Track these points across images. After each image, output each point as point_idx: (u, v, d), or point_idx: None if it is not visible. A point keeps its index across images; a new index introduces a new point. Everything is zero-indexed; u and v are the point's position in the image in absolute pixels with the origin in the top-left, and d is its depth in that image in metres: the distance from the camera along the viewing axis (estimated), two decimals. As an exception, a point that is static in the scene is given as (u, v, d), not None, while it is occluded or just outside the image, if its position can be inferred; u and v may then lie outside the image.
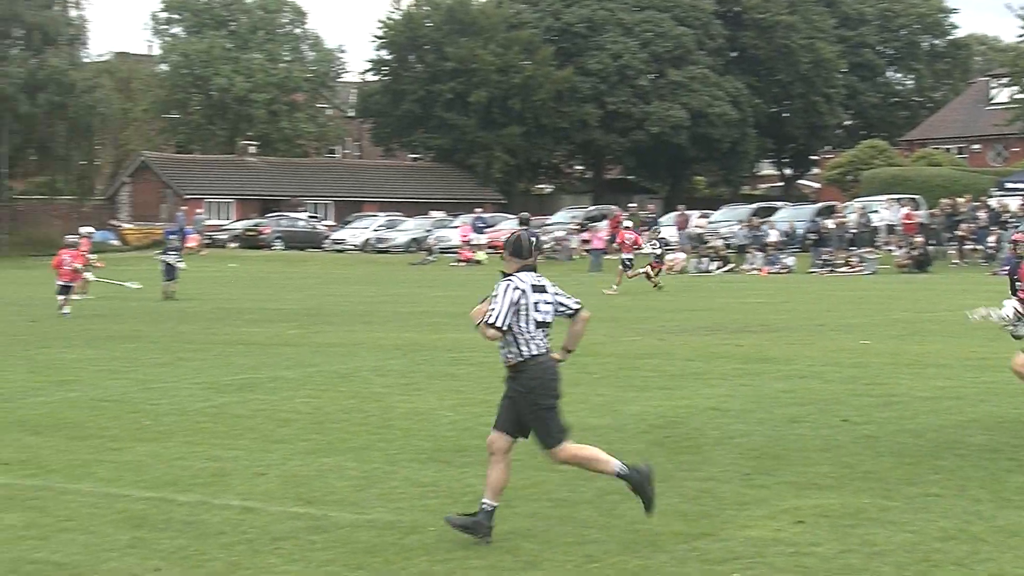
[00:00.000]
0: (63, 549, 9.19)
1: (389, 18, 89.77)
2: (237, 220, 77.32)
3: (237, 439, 13.53)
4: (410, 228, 71.52)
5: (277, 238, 71.22)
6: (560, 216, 69.58)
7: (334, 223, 78.59)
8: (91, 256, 35.67)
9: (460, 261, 59.83)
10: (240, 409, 15.58)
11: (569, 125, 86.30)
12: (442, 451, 12.78)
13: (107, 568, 8.76)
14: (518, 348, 9.40)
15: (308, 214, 79.38)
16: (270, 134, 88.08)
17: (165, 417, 15.01)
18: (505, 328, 9.31)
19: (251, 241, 70.45)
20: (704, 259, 53.77)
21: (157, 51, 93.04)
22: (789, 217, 59.43)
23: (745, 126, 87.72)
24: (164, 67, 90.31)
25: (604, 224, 60.82)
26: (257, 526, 9.81)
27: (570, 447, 9.52)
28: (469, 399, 16.22)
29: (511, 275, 9.49)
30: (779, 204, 68.20)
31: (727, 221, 61.36)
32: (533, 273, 9.53)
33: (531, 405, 9.42)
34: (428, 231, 68.45)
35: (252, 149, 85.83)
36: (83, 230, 40.39)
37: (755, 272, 51.54)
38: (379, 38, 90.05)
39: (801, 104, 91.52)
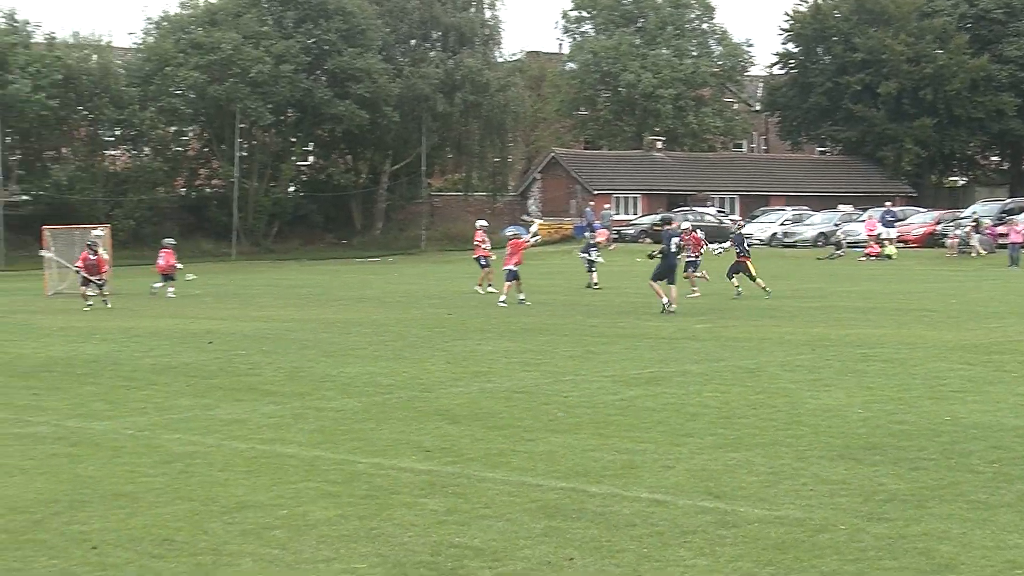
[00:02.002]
0: (481, 535, 9.49)
1: (796, 10, 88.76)
2: (644, 215, 77.99)
3: (646, 432, 13.67)
4: (817, 222, 70.55)
5: (683, 232, 71.39)
6: (977, 208, 67.00)
7: (741, 217, 78.23)
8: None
9: (868, 256, 58.48)
10: (649, 402, 15.73)
11: (984, 115, 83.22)
12: (852, 448, 12.56)
13: (522, 555, 9.00)
14: None
15: (716, 208, 79.30)
16: (676, 129, 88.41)
17: (576, 409, 15.30)
18: None
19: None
20: None
21: (567, 49, 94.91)
22: None
23: None
24: (573, 65, 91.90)
25: (1022, 217, 58.28)
26: (666, 519, 9.88)
27: None
28: (879, 396, 15.88)
29: None
30: None
31: None
32: None
33: None
34: (836, 225, 67.34)
35: (659, 144, 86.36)
36: (479, 223, 41.52)
37: None
38: (786, 31, 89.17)
39: None
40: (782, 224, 71.47)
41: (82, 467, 12.05)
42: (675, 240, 30.80)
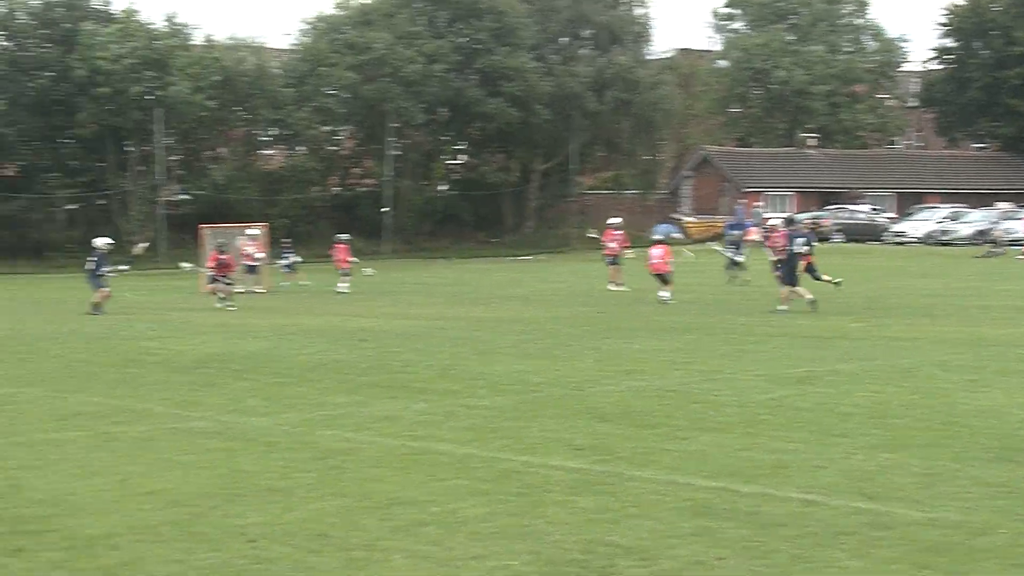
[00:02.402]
0: (631, 533, 9.48)
1: (955, 5, 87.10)
2: (796, 213, 77.15)
3: (797, 432, 13.54)
4: (975, 220, 69.15)
5: (837, 230, 70.63)
6: None
7: (895, 215, 77.09)
8: None
9: (1027, 254, 57.13)
10: (800, 402, 15.57)
11: None
12: (1012, 450, 12.31)
13: (673, 554, 8.97)
14: None
15: (870, 206, 78.19)
16: (829, 126, 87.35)
17: (726, 408, 15.21)
18: None
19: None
20: None
21: (718, 46, 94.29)
22: None
23: None
24: (724, 62, 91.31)
25: None
26: (819, 519, 9.78)
27: None
28: (1041, 398, 15.54)
29: None
30: None
31: None
32: None
33: None
34: (994, 223, 65.92)
35: (811, 141, 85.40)
36: (612, 221, 41.56)
37: None
38: (943, 25, 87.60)
39: None
40: (938, 222, 70.24)
41: (238, 462, 12.29)
42: (799, 240, 30.63)
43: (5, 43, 69.38)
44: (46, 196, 67.19)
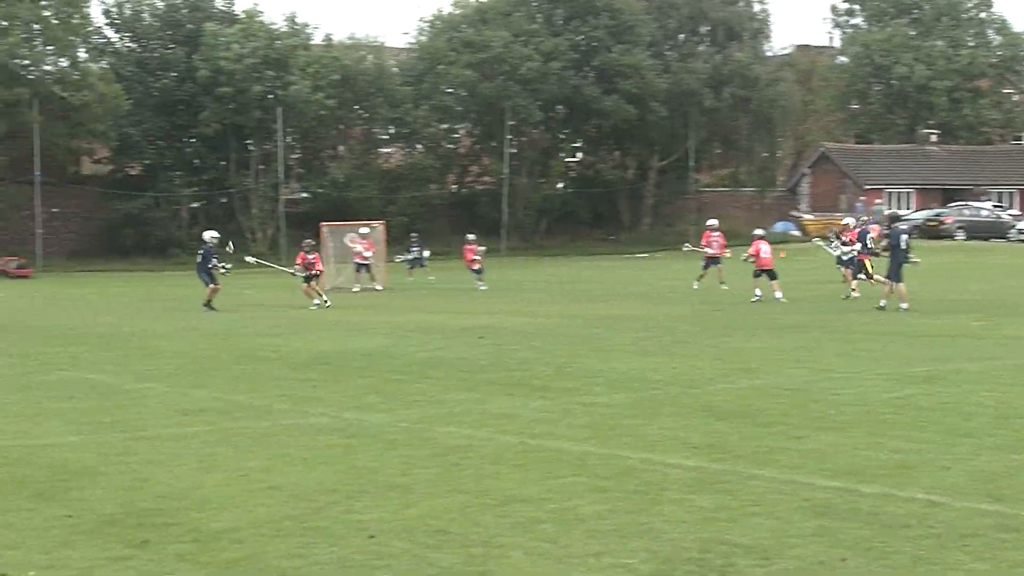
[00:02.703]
0: (751, 533, 9.41)
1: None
2: (917, 210, 76.11)
3: (920, 431, 13.34)
4: (1103, 217, 67.82)
5: (959, 228, 69.54)
6: None
7: (1020, 212, 75.69)
8: None
9: None
10: (923, 401, 15.35)
11: None
12: None
13: (793, 554, 8.88)
14: None
15: (992, 203, 76.84)
16: (951, 122, 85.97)
17: (846, 407, 15.04)
18: None
19: (932, 231, 69.19)
20: None
21: (837, 42, 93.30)
22: None
23: None
24: (844, 58, 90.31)
25: None
26: (943, 521, 9.62)
27: None
28: None
29: None
30: None
31: None
32: None
33: None
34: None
35: (933, 137, 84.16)
36: (710, 223, 41.43)
37: None
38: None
39: None
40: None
41: (358, 458, 12.39)
42: (904, 238, 30.29)
43: (131, 44, 70.70)
44: (170, 194, 68.35)
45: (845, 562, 8.69)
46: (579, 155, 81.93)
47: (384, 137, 76.66)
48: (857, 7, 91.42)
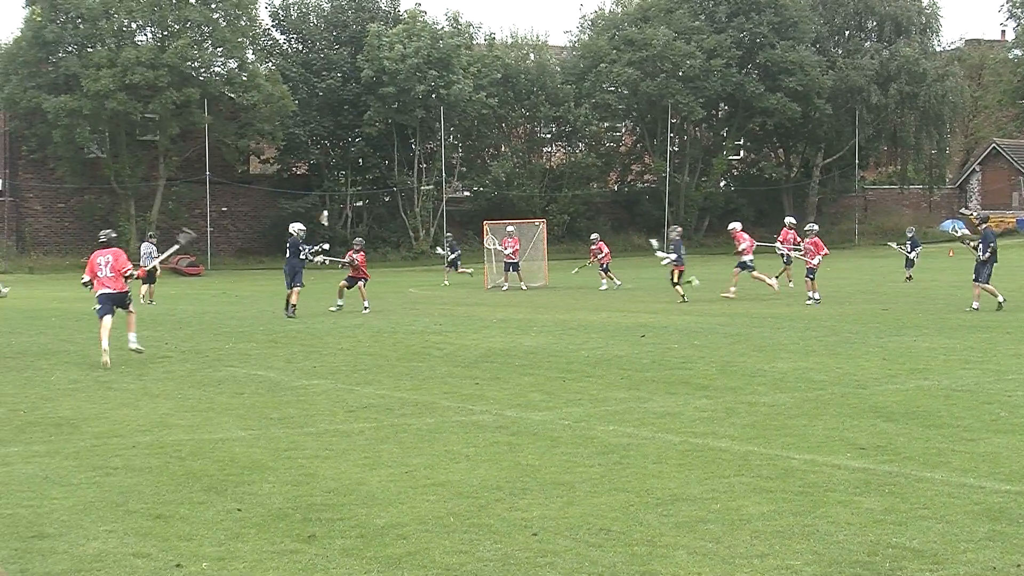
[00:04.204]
0: (920, 536, 9.23)
1: None
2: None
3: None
4: None
5: None
6: None
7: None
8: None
9: None
10: (1100, 404, 14.92)
11: None
12: None
13: (964, 559, 8.69)
14: None
15: None
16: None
17: (1021, 408, 14.68)
18: None
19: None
20: None
21: (1010, 36, 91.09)
22: None
23: None
24: (1017, 52, 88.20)
25: None
26: (1121, 528, 9.34)
27: None
28: None
29: None
30: None
31: None
32: None
33: None
34: None
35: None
36: (788, 220, 40.70)
37: None
38: None
39: None
40: None
41: (522, 455, 12.42)
42: (992, 244, 29.64)
43: (297, 46, 71.90)
44: (334, 192, 69.35)
45: (1020, 568, 8.48)
46: (741, 153, 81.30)
47: (545, 135, 76.90)
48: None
